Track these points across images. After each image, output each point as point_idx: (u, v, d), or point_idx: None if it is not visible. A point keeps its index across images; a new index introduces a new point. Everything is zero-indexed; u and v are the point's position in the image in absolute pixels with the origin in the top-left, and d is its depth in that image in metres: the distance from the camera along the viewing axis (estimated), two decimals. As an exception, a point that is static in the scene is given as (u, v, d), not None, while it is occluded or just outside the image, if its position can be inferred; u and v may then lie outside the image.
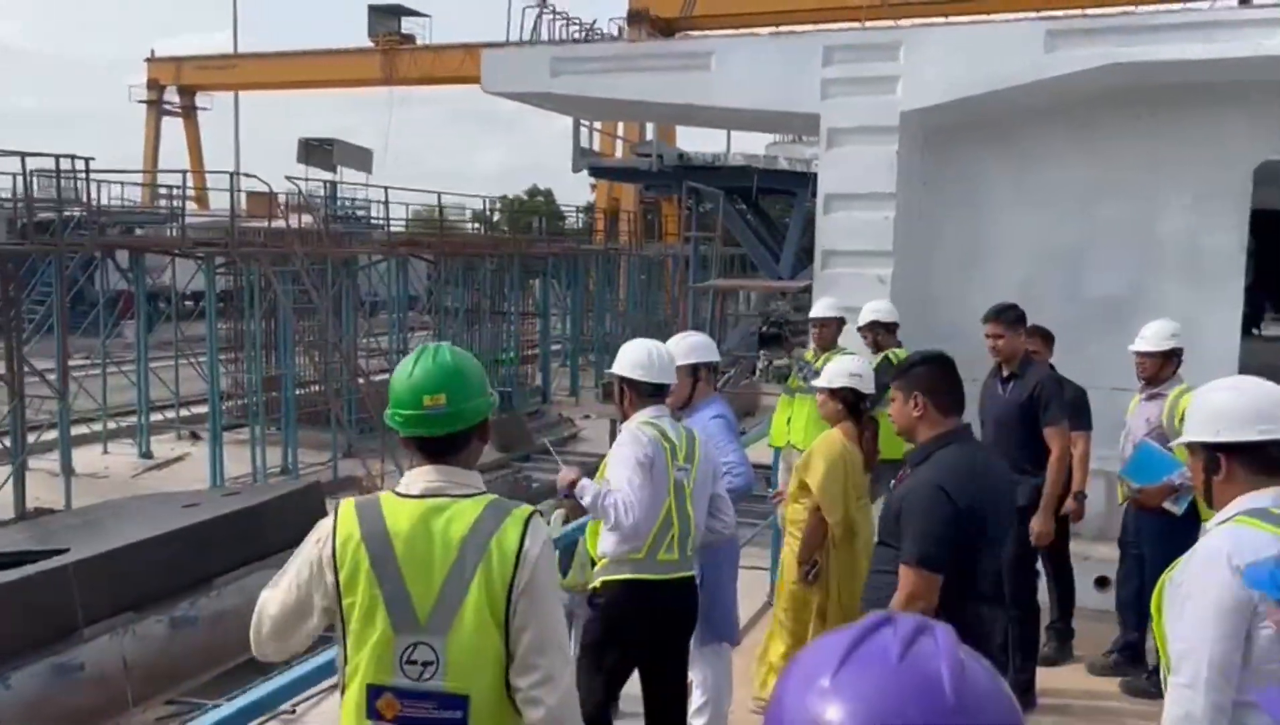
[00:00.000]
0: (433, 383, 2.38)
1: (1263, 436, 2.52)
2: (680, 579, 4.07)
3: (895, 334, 6.98)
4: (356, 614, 2.29)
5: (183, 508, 11.47)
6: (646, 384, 4.06)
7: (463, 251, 23.44)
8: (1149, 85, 7.72)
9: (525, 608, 2.29)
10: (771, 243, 20.66)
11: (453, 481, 2.37)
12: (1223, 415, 2.58)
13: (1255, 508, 2.50)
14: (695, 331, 5.16)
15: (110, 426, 18.90)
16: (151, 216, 28.22)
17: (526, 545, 2.30)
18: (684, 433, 4.14)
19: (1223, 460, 2.56)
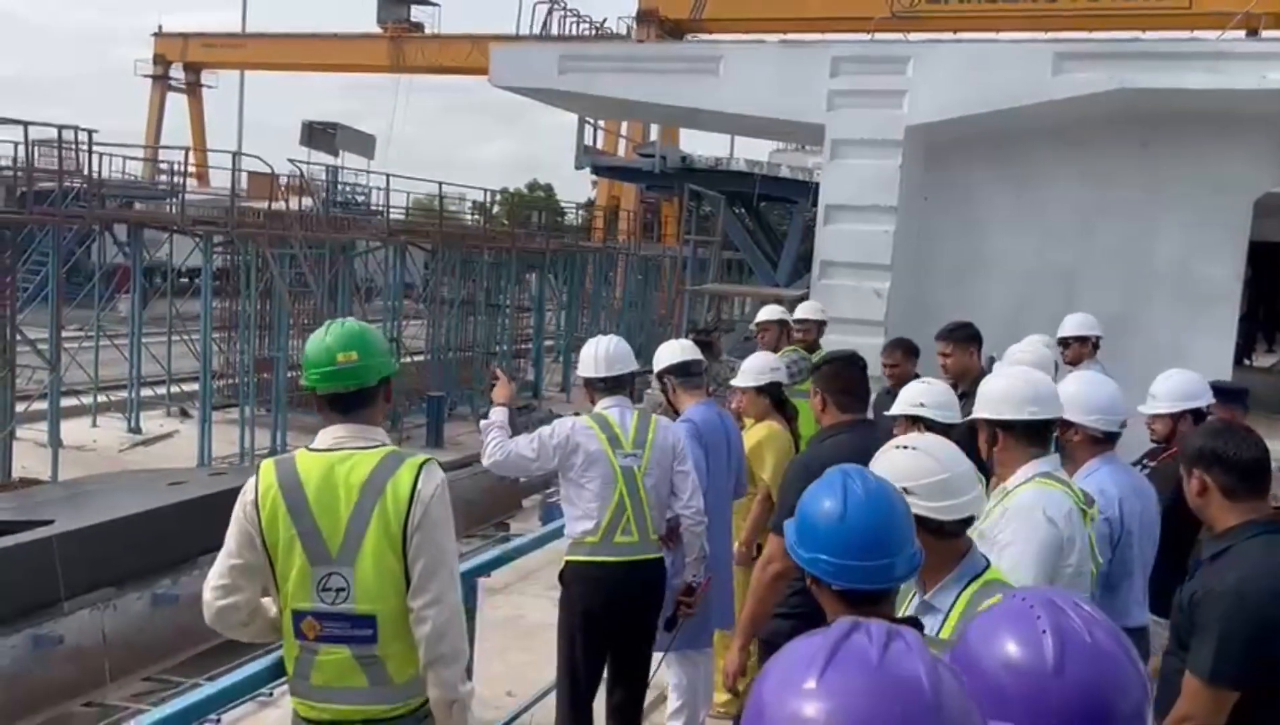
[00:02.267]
0: (344, 343, 2.76)
1: (1032, 417, 3.03)
2: (641, 560, 4.27)
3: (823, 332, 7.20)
4: (279, 550, 2.65)
5: (169, 485, 11.46)
6: (595, 379, 4.40)
7: (461, 243, 23.41)
8: (1153, 111, 7.77)
9: (419, 540, 2.65)
10: (769, 249, 20.70)
11: (357, 436, 2.73)
12: (1002, 398, 3.08)
13: (1042, 472, 3.00)
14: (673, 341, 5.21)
15: (100, 400, 18.84)
16: (151, 191, 28.18)
17: (419, 486, 2.66)
18: (637, 421, 4.35)
19: (1000, 434, 3.06)
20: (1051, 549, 2.85)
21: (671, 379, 4.88)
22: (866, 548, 2.06)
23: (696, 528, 4.44)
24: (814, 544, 2.11)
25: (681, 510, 4.43)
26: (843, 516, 2.09)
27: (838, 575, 2.08)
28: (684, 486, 4.42)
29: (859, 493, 2.10)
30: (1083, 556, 2.91)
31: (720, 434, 4.95)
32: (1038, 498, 2.91)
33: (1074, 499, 2.98)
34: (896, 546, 2.10)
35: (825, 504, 2.12)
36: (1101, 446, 3.65)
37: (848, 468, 2.20)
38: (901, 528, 2.13)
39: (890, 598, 2.16)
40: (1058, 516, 2.88)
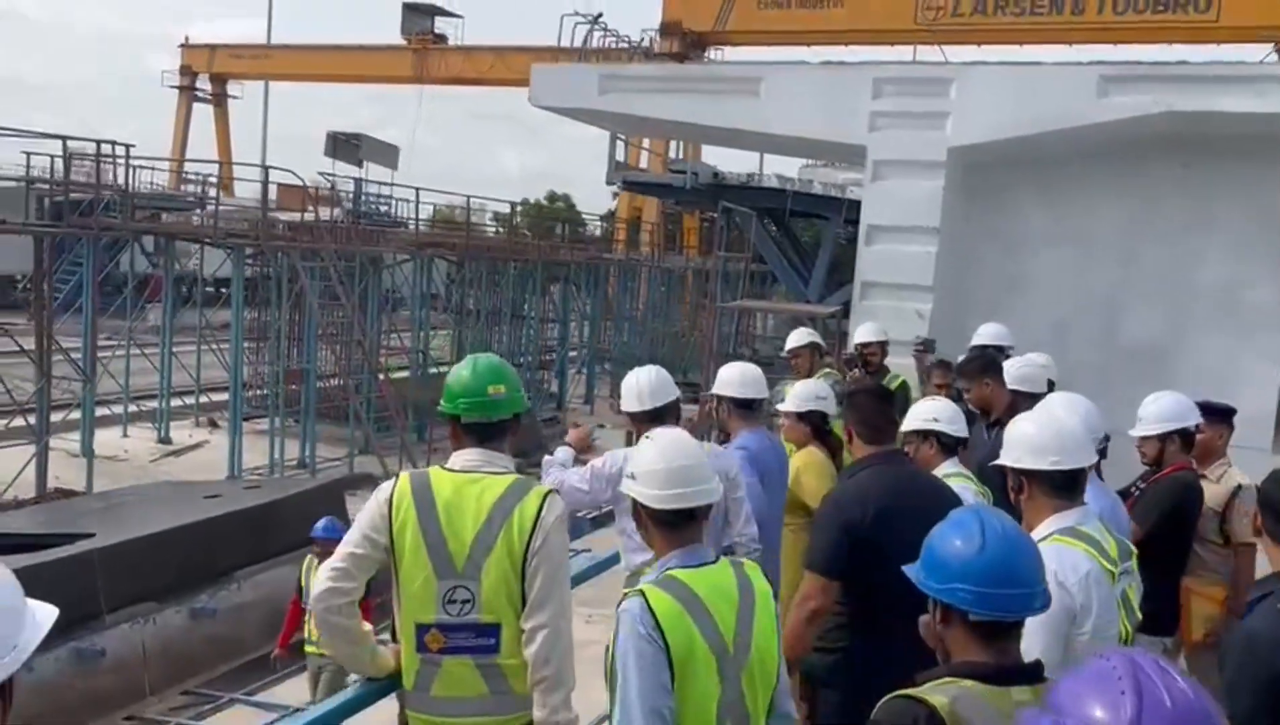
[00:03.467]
0: (494, 377, 3.00)
1: (1054, 467, 2.88)
2: None
3: (825, 358, 7.10)
4: (405, 558, 2.82)
5: (204, 498, 11.52)
6: (639, 412, 4.34)
7: (487, 254, 23.49)
8: (1198, 135, 7.75)
9: (537, 564, 2.81)
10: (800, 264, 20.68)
11: (489, 461, 2.92)
12: (1024, 444, 2.93)
13: (1065, 527, 2.85)
14: (739, 364, 5.16)
15: (130, 410, 18.97)
16: (179, 202, 28.41)
17: (544, 514, 2.83)
18: None
19: (1025, 483, 2.92)
20: (1061, 617, 2.70)
21: (730, 404, 4.88)
22: (1009, 576, 2.07)
23: (752, 555, 4.44)
24: (951, 576, 2.11)
25: (736, 538, 4.42)
26: (982, 548, 2.10)
27: (979, 603, 2.07)
28: (738, 514, 4.40)
29: (997, 527, 2.14)
30: (1104, 620, 2.79)
31: (774, 460, 4.94)
32: (1052, 559, 2.68)
33: (1098, 557, 2.83)
34: (1036, 576, 2.12)
35: (959, 541, 2.13)
36: None
37: (981, 505, 2.31)
38: (1037, 561, 2.15)
39: (1019, 635, 2.14)
40: (1071, 582, 2.75)
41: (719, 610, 2.47)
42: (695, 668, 2.43)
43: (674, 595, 2.44)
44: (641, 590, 2.45)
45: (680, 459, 2.58)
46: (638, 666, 2.39)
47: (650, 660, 2.39)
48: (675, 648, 2.39)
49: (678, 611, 2.42)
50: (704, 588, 2.48)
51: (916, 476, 3.79)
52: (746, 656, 2.49)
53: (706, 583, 2.49)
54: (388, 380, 19.25)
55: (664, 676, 2.40)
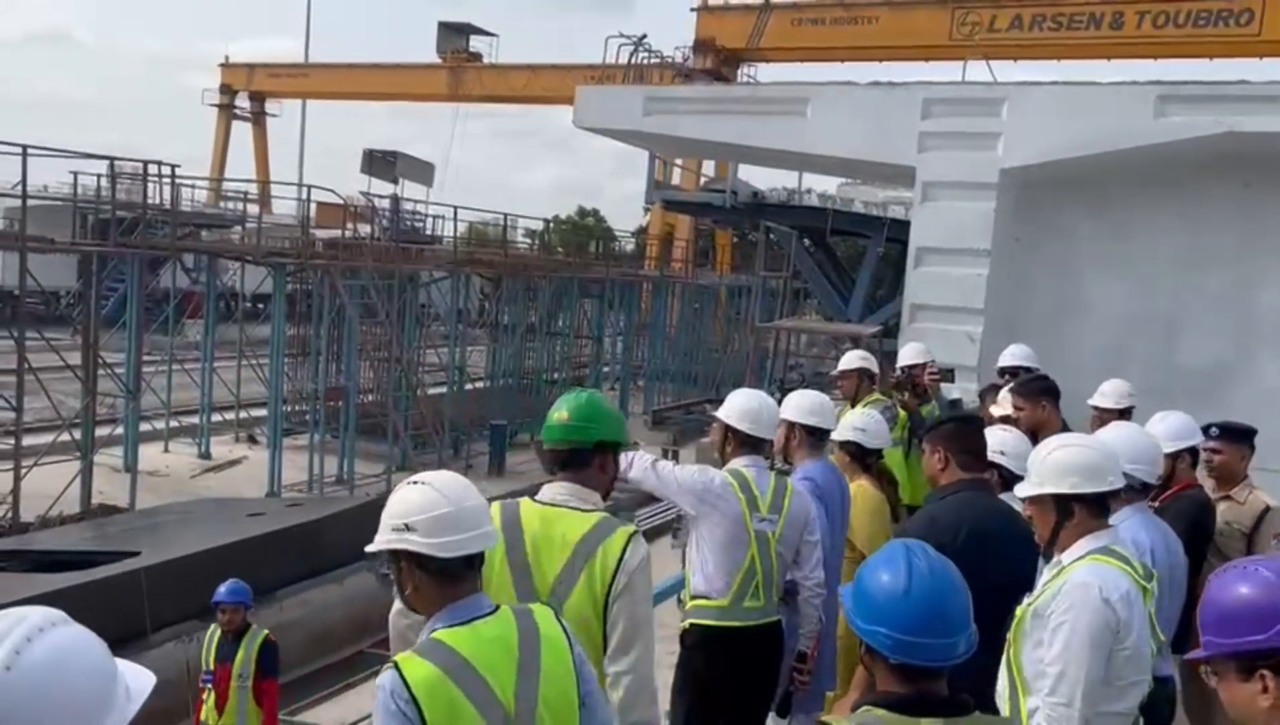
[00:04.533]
0: (572, 407, 3.01)
1: (1111, 487, 2.96)
2: (765, 625, 4.19)
3: (876, 383, 6.91)
4: (492, 588, 2.72)
5: (247, 517, 11.58)
6: (745, 434, 4.24)
7: (524, 271, 23.58)
8: (1256, 155, 7.59)
9: (619, 607, 2.76)
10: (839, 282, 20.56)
11: (575, 496, 2.91)
12: (1076, 469, 2.95)
13: (1099, 547, 2.91)
14: (813, 393, 5.08)
15: (171, 425, 19.15)
16: (218, 219, 28.76)
17: (626, 556, 2.78)
18: (774, 484, 4.22)
19: (1076, 509, 2.94)
20: (1106, 631, 2.79)
21: (801, 433, 4.74)
22: (929, 626, 2.05)
23: (815, 599, 4.35)
24: (873, 617, 2.10)
25: (803, 580, 4.33)
26: (907, 591, 2.07)
27: (897, 650, 2.06)
28: (809, 557, 4.32)
29: (924, 569, 2.09)
30: (1140, 637, 2.85)
31: (836, 493, 4.85)
32: (1094, 576, 2.84)
33: (1133, 575, 2.90)
34: (958, 626, 2.07)
35: (886, 577, 2.10)
36: (1135, 496, 3.68)
37: (910, 542, 2.20)
38: (963, 607, 2.11)
39: (945, 674, 2.12)
40: (1114, 597, 2.81)
41: (494, 669, 2.27)
42: None
43: (434, 662, 2.23)
44: (395, 660, 2.25)
45: (467, 500, 2.34)
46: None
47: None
48: (434, 721, 2.19)
49: (437, 679, 2.21)
50: (473, 647, 2.26)
51: (1002, 505, 3.76)
52: (533, 715, 2.30)
53: (476, 641, 2.28)
54: (425, 396, 19.31)
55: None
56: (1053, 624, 2.85)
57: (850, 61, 29.05)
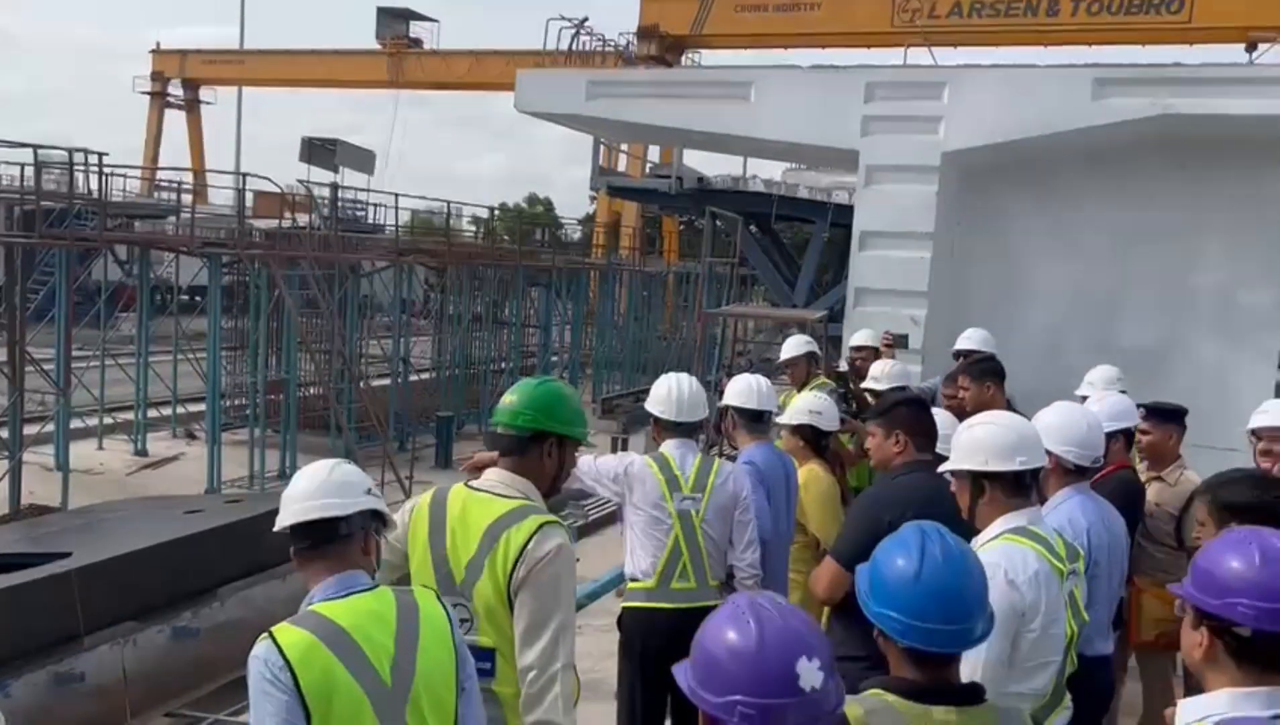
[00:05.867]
0: (521, 393, 2.96)
1: (1022, 467, 2.95)
2: (700, 608, 4.06)
3: (821, 367, 6.98)
4: (415, 564, 2.86)
5: (185, 514, 11.26)
6: (665, 421, 4.31)
7: (469, 260, 23.31)
8: (1193, 137, 7.70)
9: (522, 599, 2.70)
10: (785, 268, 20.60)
11: (503, 483, 2.87)
12: (988, 447, 2.97)
13: (1016, 527, 2.92)
14: (750, 376, 5.05)
15: (106, 422, 18.64)
16: (152, 210, 28.03)
17: (530, 546, 2.70)
18: (699, 464, 4.26)
19: (986, 486, 2.97)
20: (1010, 614, 2.78)
21: (738, 417, 4.77)
22: (940, 611, 2.02)
23: (748, 582, 4.33)
24: (885, 600, 2.06)
25: (735, 561, 4.33)
26: (918, 575, 2.04)
27: (906, 634, 2.03)
28: (741, 538, 4.32)
29: (936, 553, 2.05)
30: (1050, 618, 2.85)
31: (781, 477, 4.82)
32: (1001, 558, 2.84)
33: (1047, 556, 2.88)
34: (970, 612, 2.05)
35: (900, 561, 2.07)
36: (1074, 477, 3.70)
37: (926, 525, 2.15)
38: (978, 592, 2.08)
39: (959, 659, 2.11)
40: (1020, 579, 2.81)
41: (371, 641, 2.25)
42: (339, 709, 2.20)
43: (309, 629, 2.23)
44: (270, 630, 2.25)
45: (311, 480, 2.39)
46: (269, 714, 2.18)
47: (279, 706, 2.16)
48: (309, 689, 2.17)
49: (311, 645, 2.20)
50: (350, 618, 2.26)
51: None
52: (409, 687, 2.27)
53: (352, 613, 2.27)
54: (369, 388, 19.01)
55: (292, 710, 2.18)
56: None
57: (793, 48, 29.17)
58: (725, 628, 1.65)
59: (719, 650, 1.64)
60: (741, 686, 1.58)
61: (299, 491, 2.37)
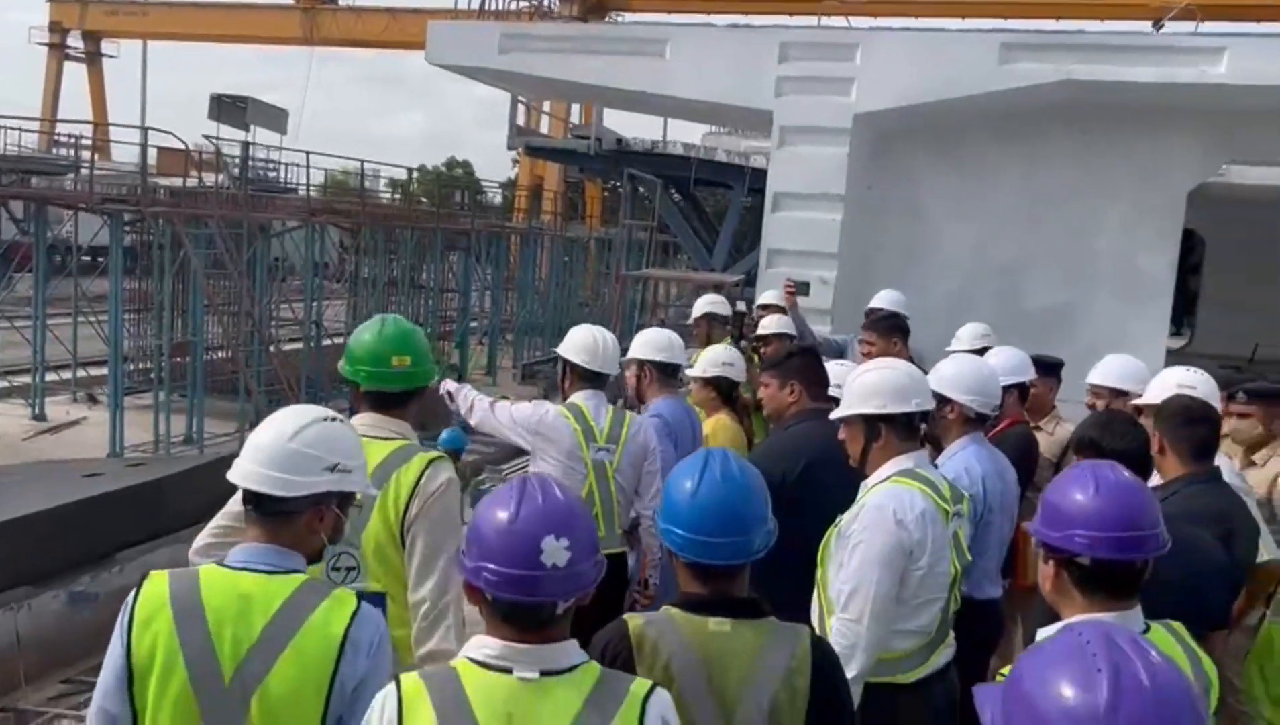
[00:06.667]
0: (399, 347, 2.87)
1: (917, 408, 3.05)
2: (608, 554, 4.14)
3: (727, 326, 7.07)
4: None
5: (83, 477, 10.90)
6: (584, 369, 4.29)
7: (384, 222, 22.83)
8: (1095, 104, 7.89)
9: (414, 533, 2.66)
10: (705, 234, 20.63)
11: (385, 427, 2.81)
12: (884, 390, 3.04)
13: (903, 469, 3.00)
14: (661, 330, 5.07)
15: (1, 385, 17.90)
16: (50, 166, 26.85)
17: (422, 482, 2.68)
18: (612, 416, 4.29)
19: (883, 429, 3.03)
20: (898, 552, 2.89)
21: (652, 370, 4.77)
22: (715, 524, 2.13)
23: (653, 528, 4.37)
24: (668, 517, 2.20)
25: (643, 510, 4.40)
26: (695, 493, 2.16)
27: (685, 548, 2.16)
28: (649, 488, 4.37)
29: (715, 473, 2.18)
30: (936, 557, 2.95)
31: (688, 429, 4.87)
32: (890, 498, 2.94)
33: (933, 497, 2.99)
34: (745, 526, 2.16)
35: (684, 482, 2.20)
36: (972, 426, 3.82)
37: (714, 450, 2.29)
38: (754, 508, 2.20)
39: (741, 571, 2.21)
40: (908, 518, 2.91)
41: (227, 626, 1.98)
42: (157, 690, 1.99)
43: (175, 586, 2.04)
44: (152, 573, 2.12)
45: (278, 438, 2.14)
46: (106, 666, 2.08)
47: (113, 660, 2.04)
48: (136, 651, 1.99)
49: (158, 605, 2.01)
50: (223, 591, 2.02)
51: None
52: (248, 703, 1.96)
53: (232, 587, 2.02)
54: (279, 352, 18.57)
55: (118, 676, 2.03)
56: (851, 544, 2.95)
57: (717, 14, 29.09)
58: (493, 503, 1.75)
59: (482, 522, 1.75)
60: (491, 555, 1.69)
61: (254, 448, 2.12)
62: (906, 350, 5.74)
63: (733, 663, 2.10)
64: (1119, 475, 2.18)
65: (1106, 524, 2.09)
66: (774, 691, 2.10)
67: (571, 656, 1.77)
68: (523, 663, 1.70)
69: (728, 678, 2.09)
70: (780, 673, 2.11)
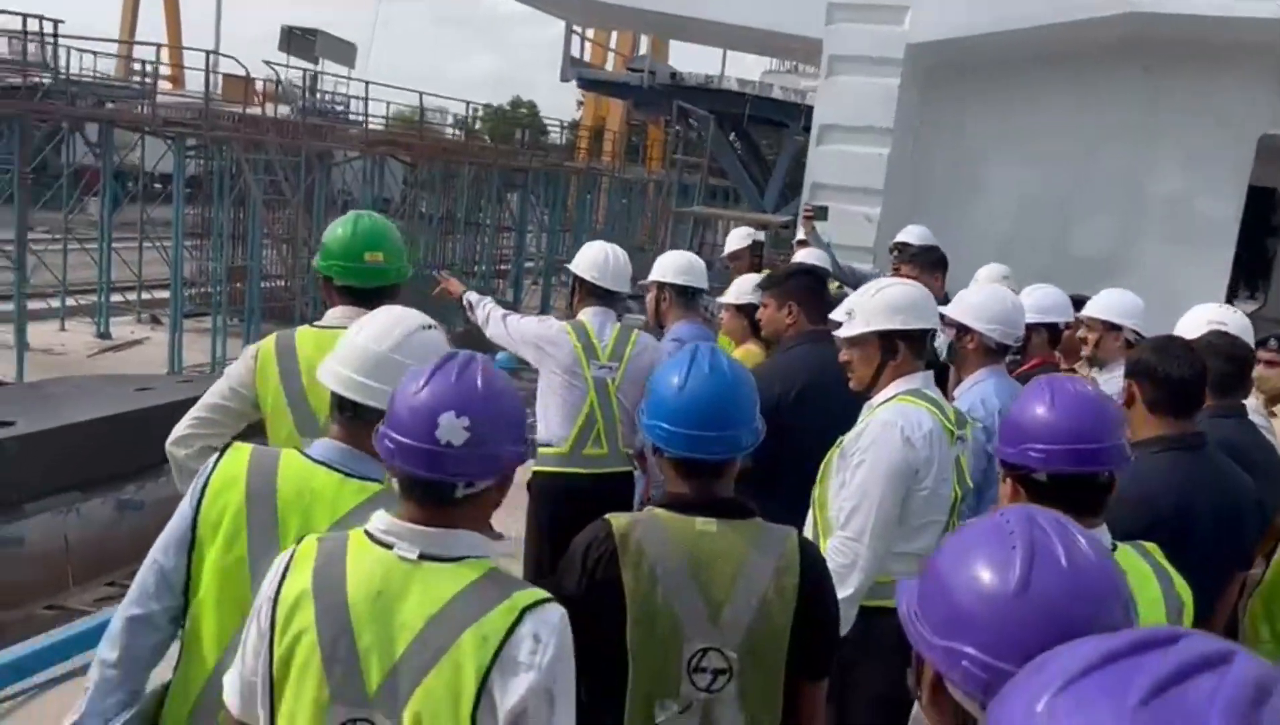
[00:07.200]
0: (372, 242, 2.87)
1: (933, 325, 3.02)
2: (609, 474, 4.18)
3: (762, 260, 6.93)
4: (268, 409, 2.73)
5: (135, 390, 11.21)
6: (593, 285, 4.23)
7: (442, 156, 22.87)
8: (1158, 39, 7.53)
9: None
10: (757, 174, 20.26)
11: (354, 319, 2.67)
12: (904, 307, 2.94)
13: (910, 389, 2.92)
14: (683, 252, 5.00)
15: (69, 304, 18.45)
16: (124, 91, 27.30)
17: None
18: (617, 333, 4.23)
19: (900, 347, 2.93)
20: (903, 469, 2.82)
21: (671, 293, 4.68)
22: (701, 418, 2.06)
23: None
24: (654, 412, 2.13)
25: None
26: (682, 387, 2.10)
27: (672, 443, 2.09)
28: None
29: (704, 367, 2.12)
30: (940, 479, 2.88)
31: (705, 354, 4.81)
32: (898, 415, 2.86)
33: (940, 417, 2.91)
34: (732, 420, 2.10)
35: (672, 377, 2.13)
36: (992, 358, 3.68)
37: (701, 345, 2.22)
38: (743, 404, 2.14)
39: (728, 470, 2.14)
40: (915, 437, 2.83)
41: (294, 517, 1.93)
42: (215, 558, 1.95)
43: (253, 464, 1.99)
44: (234, 443, 2.10)
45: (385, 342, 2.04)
46: (169, 529, 2.05)
47: (180, 513, 2.03)
48: (203, 516, 1.97)
49: (234, 478, 1.98)
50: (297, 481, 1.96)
51: None
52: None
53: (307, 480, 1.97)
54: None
55: (181, 536, 2.00)
56: (854, 462, 2.87)
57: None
58: (410, 376, 1.71)
59: (397, 393, 1.71)
60: (394, 424, 1.65)
61: (350, 351, 2.02)
62: (944, 287, 5.59)
63: (720, 563, 2.04)
64: (1078, 387, 2.09)
65: (1061, 436, 2.00)
66: (763, 591, 2.04)
67: (465, 548, 1.65)
68: (407, 542, 1.62)
69: (715, 578, 2.04)
70: (769, 573, 2.06)
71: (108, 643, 2.03)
